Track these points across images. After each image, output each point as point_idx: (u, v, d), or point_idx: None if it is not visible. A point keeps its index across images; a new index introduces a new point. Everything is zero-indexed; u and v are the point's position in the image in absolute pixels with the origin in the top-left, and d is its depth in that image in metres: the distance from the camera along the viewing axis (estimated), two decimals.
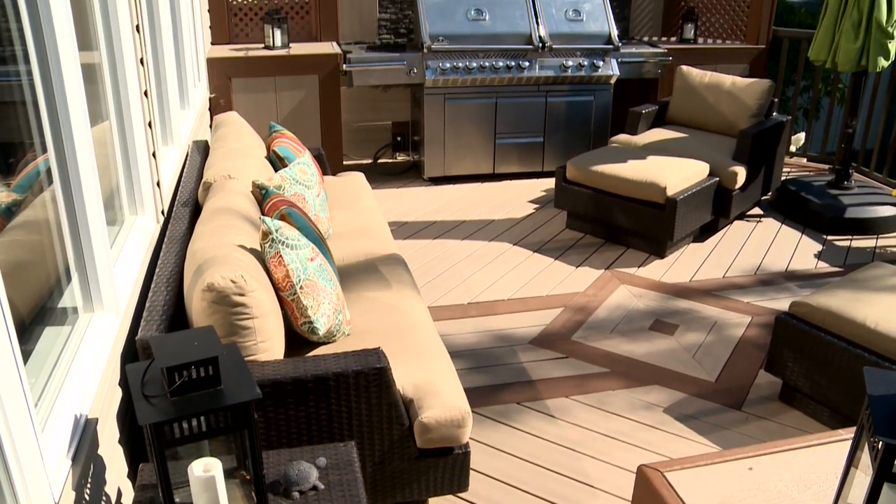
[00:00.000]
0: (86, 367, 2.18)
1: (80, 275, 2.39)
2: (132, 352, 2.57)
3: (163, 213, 3.49)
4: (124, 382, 2.43)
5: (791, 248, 5.27)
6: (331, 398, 2.41)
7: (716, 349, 4.00)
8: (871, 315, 3.16)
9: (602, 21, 6.38)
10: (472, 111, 6.20)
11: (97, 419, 2.08)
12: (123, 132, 3.11)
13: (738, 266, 4.99)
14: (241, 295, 2.36)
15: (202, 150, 4.28)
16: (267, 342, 2.46)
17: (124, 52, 3.04)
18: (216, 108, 5.71)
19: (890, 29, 5.25)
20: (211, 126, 4.86)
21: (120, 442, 2.32)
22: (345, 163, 6.42)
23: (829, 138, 6.93)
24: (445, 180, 6.42)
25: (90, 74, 2.80)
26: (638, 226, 5.01)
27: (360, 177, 4.77)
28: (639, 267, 4.93)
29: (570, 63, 6.23)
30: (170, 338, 1.88)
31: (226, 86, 5.71)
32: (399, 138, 6.88)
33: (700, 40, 7.04)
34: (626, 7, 7.09)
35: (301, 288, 2.61)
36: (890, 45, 5.29)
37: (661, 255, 5.06)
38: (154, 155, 3.39)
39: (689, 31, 6.89)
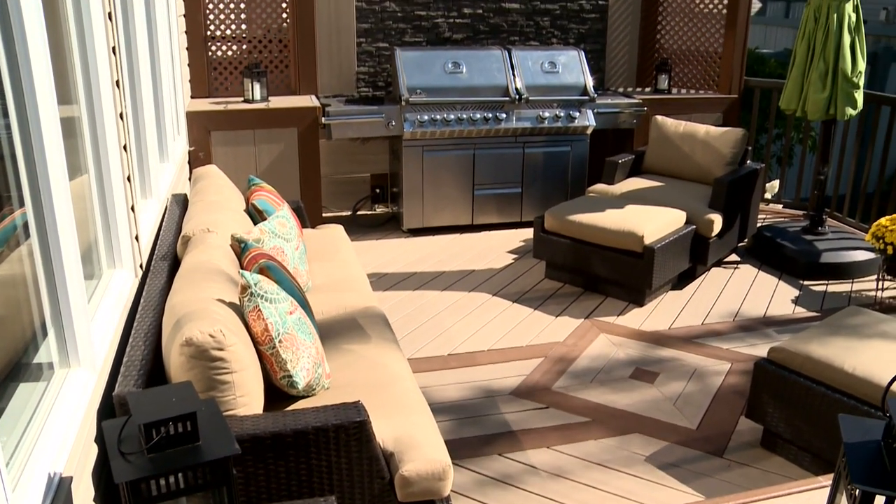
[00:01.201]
0: (61, 424, 2.14)
1: (57, 330, 2.36)
2: (109, 408, 2.54)
3: (141, 266, 3.47)
4: (100, 439, 2.39)
5: (768, 294, 5.31)
6: (311, 453, 2.38)
7: (696, 396, 4.00)
8: (849, 360, 3.18)
9: (577, 73, 6.48)
10: (450, 163, 6.25)
11: (71, 477, 2.04)
12: (102, 186, 3.11)
13: (716, 313, 5.02)
14: (220, 349, 2.34)
15: (181, 203, 4.28)
16: (246, 397, 2.44)
17: (104, 107, 3.05)
18: (195, 161, 5.72)
19: (855, 79, 5.38)
20: (190, 179, 4.87)
21: (95, 500, 2.28)
22: (324, 215, 6.43)
23: (803, 185, 7.04)
24: (425, 231, 6.44)
25: (69, 128, 2.81)
26: (616, 274, 5.04)
27: (339, 229, 4.78)
28: (618, 315, 4.95)
29: (547, 114, 6.32)
30: (147, 393, 1.86)
31: (205, 139, 5.73)
32: (378, 190, 6.91)
33: (674, 90, 7.16)
34: (601, 59, 7.21)
35: (280, 342, 2.59)
36: (856, 95, 5.44)
37: (640, 304, 5.09)
38: (133, 209, 3.39)
39: (663, 81, 7.01)
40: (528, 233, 6.40)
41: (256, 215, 3.95)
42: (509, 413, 3.83)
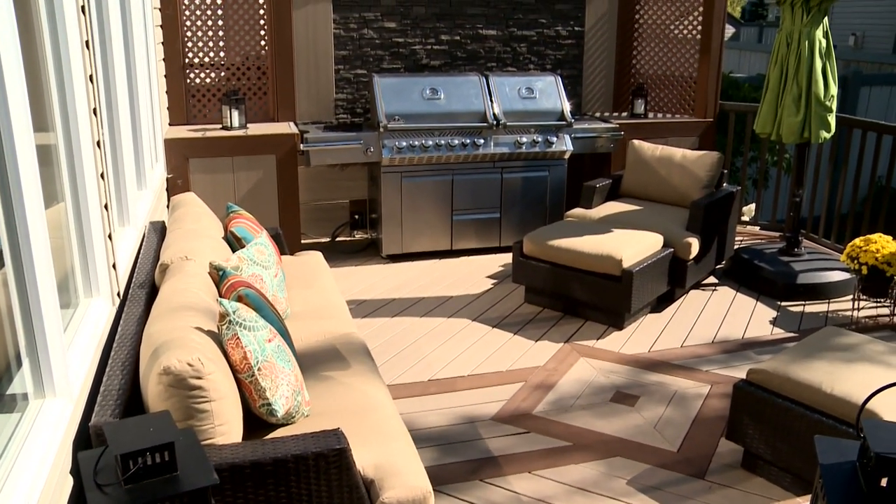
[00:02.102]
0: (35, 455, 2.11)
1: (32, 360, 2.34)
2: (85, 439, 2.51)
3: (119, 295, 3.45)
4: (76, 471, 2.36)
5: (747, 316, 5.34)
6: (290, 481, 2.36)
7: (677, 419, 4.01)
8: (827, 379, 3.20)
9: (555, 98, 6.54)
10: (428, 188, 6.27)
11: None
12: (79, 214, 3.09)
13: (695, 335, 5.04)
14: (199, 378, 2.32)
15: (159, 231, 4.26)
16: (225, 425, 2.42)
17: (81, 135, 3.04)
18: (173, 188, 5.70)
19: (828, 103, 5.46)
20: (168, 206, 4.85)
21: None
22: (303, 242, 6.42)
23: (779, 206, 7.12)
24: (403, 257, 6.44)
25: (45, 156, 2.80)
26: (595, 298, 5.06)
27: (317, 256, 4.77)
28: (597, 339, 4.96)
29: (525, 139, 6.36)
30: (124, 424, 1.85)
31: (183, 166, 5.71)
32: (357, 216, 6.91)
33: (650, 115, 7.23)
34: (578, 84, 7.28)
35: (259, 370, 2.58)
36: (830, 118, 5.52)
37: (620, 327, 5.10)
38: (110, 237, 3.37)
39: (640, 106, 7.08)
40: (507, 258, 6.42)
41: (235, 243, 3.93)
42: (490, 439, 3.81)
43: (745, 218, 7.26)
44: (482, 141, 6.27)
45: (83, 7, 3.14)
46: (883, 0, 18.20)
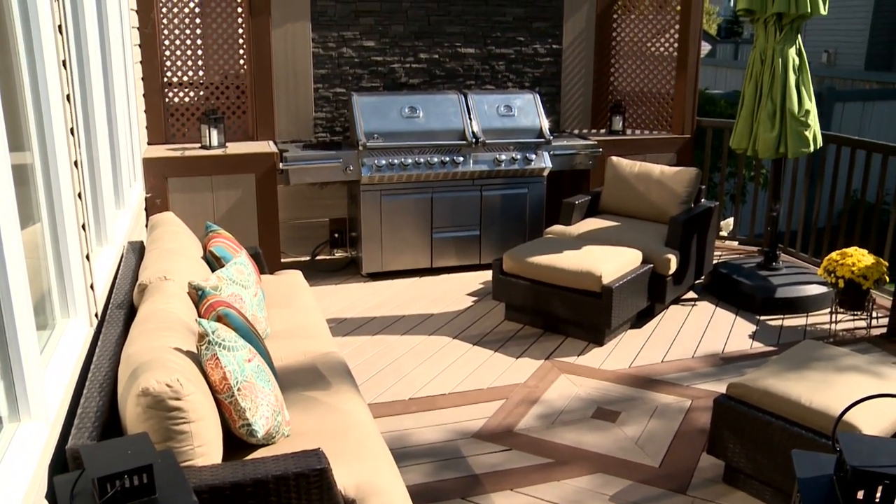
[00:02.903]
0: (10, 481, 2.08)
1: (7, 382, 2.31)
2: (62, 462, 2.47)
3: (96, 315, 3.42)
4: (52, 496, 2.33)
5: (726, 330, 5.37)
6: (271, 502, 2.34)
7: (658, 434, 4.01)
8: (805, 393, 3.22)
9: (533, 116, 6.57)
10: (408, 207, 6.27)
11: None
12: (56, 234, 3.07)
13: (675, 350, 5.06)
14: (178, 399, 2.30)
15: (137, 250, 4.23)
16: (204, 446, 2.40)
17: (58, 154, 3.02)
18: (152, 207, 5.67)
19: (802, 118, 5.52)
20: (147, 226, 4.82)
21: None
22: (282, 260, 6.40)
23: (756, 221, 7.17)
24: (384, 276, 6.43)
25: (21, 175, 2.77)
26: (576, 315, 5.07)
27: (297, 275, 4.75)
28: (578, 356, 4.97)
29: (504, 157, 6.38)
30: (102, 446, 1.83)
31: (162, 185, 5.69)
32: (336, 235, 6.90)
33: (628, 131, 7.29)
34: (556, 101, 7.33)
35: (239, 390, 2.56)
36: (807, 133, 5.55)
37: (600, 343, 5.11)
38: (88, 257, 3.34)
39: (618, 122, 7.13)
40: (487, 275, 6.42)
41: (214, 262, 3.91)
42: (472, 456, 3.80)
43: (724, 233, 7.31)
44: (461, 159, 6.29)
45: (60, 26, 3.13)
46: (854, 19, 18.49)
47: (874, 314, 5.50)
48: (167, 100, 6.14)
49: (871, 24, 18.06)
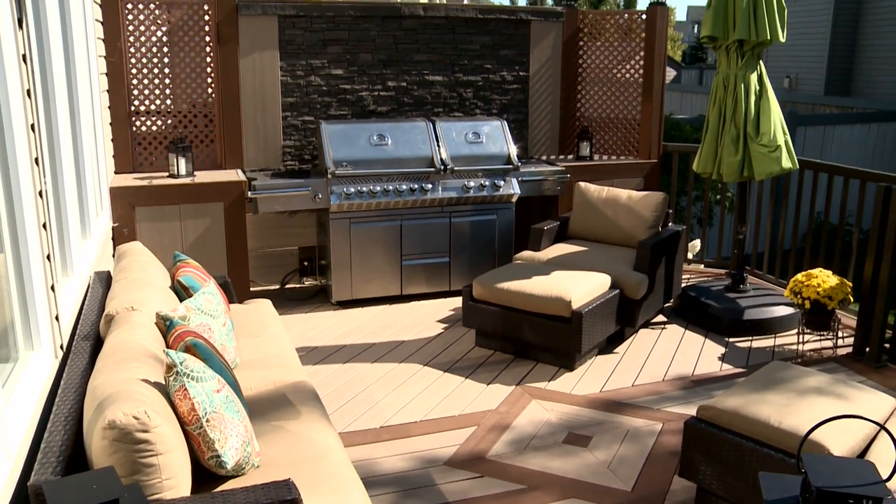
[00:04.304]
0: None
1: None
2: (24, 498, 2.42)
3: (62, 347, 3.37)
4: None
5: (696, 353, 5.41)
6: None
7: (630, 458, 4.02)
8: (774, 414, 3.25)
9: (501, 142, 6.62)
10: (377, 234, 6.27)
11: None
12: (20, 265, 3.03)
13: (646, 374, 5.08)
14: (145, 431, 2.27)
15: (104, 281, 4.18)
16: (172, 479, 2.36)
17: (22, 184, 2.98)
18: (119, 237, 5.62)
19: (763, 141, 5.58)
20: (114, 256, 4.77)
21: None
22: (252, 289, 6.35)
23: (724, 244, 7.25)
24: (354, 303, 6.41)
25: None
26: (546, 340, 5.08)
27: (266, 304, 4.72)
28: (549, 381, 4.97)
29: (472, 184, 6.41)
30: (66, 482, 1.79)
31: (129, 215, 5.64)
32: (306, 263, 6.88)
33: (596, 157, 7.35)
34: (524, 128, 7.38)
35: (207, 421, 2.53)
36: (774, 155, 5.60)
37: (571, 368, 5.12)
38: (53, 288, 3.30)
39: (585, 148, 7.20)
40: (457, 301, 6.42)
41: (182, 292, 3.88)
42: (444, 484, 3.78)
43: (690, 255, 7.38)
44: (430, 186, 6.31)
45: (24, 55, 3.11)
46: (813, 45, 18.90)
47: (840, 334, 5.57)
48: (135, 128, 6.10)
49: (828, 50, 18.47)
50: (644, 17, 7.07)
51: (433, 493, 3.70)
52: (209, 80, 6.23)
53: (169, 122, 6.22)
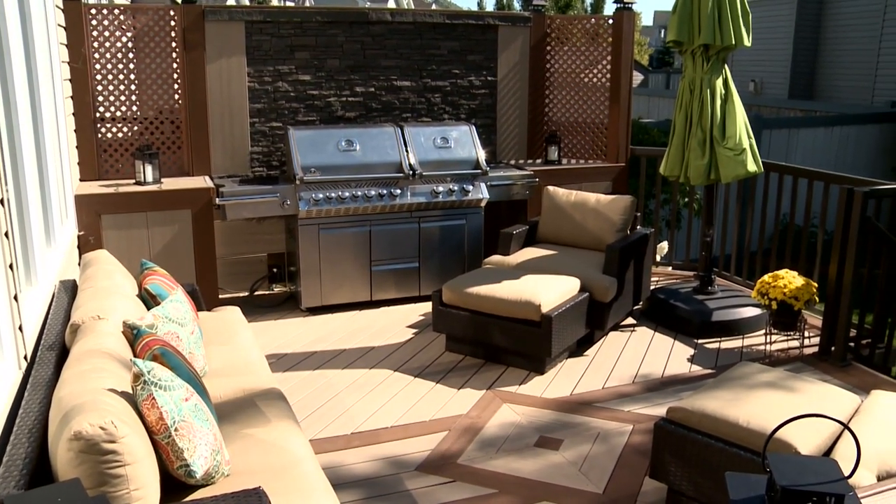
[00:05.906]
0: None
1: None
2: None
3: (26, 358, 3.32)
4: None
5: (665, 355, 5.45)
6: None
7: (601, 460, 4.04)
8: (743, 414, 3.29)
9: (470, 147, 6.63)
10: (346, 240, 6.25)
11: None
12: None
13: (616, 376, 5.11)
14: (112, 442, 2.24)
15: (70, 290, 4.13)
16: (140, 490, 2.34)
17: None
18: (85, 245, 5.55)
19: (729, 145, 5.64)
20: (79, 265, 4.71)
21: None
22: (221, 297, 6.30)
23: (691, 247, 7.31)
24: (323, 310, 6.38)
25: None
26: (516, 344, 5.09)
27: (235, 311, 4.69)
28: (520, 385, 4.98)
29: (441, 189, 6.42)
30: (29, 495, 1.77)
31: (95, 223, 5.57)
32: (275, 270, 6.84)
33: (564, 161, 7.38)
34: (493, 133, 7.40)
35: (176, 430, 2.51)
36: (740, 158, 5.65)
37: (541, 372, 5.14)
38: (16, 297, 3.25)
39: (554, 153, 7.22)
40: (427, 307, 6.42)
41: (150, 300, 3.84)
42: (416, 489, 3.77)
43: (658, 258, 7.43)
44: (399, 191, 6.30)
45: None
46: (776, 50, 19.17)
47: (806, 334, 5.64)
48: (100, 135, 6.04)
49: (792, 55, 18.74)
50: (611, 21, 7.12)
51: (404, 498, 3.70)
52: (176, 86, 6.18)
53: (135, 128, 6.16)
